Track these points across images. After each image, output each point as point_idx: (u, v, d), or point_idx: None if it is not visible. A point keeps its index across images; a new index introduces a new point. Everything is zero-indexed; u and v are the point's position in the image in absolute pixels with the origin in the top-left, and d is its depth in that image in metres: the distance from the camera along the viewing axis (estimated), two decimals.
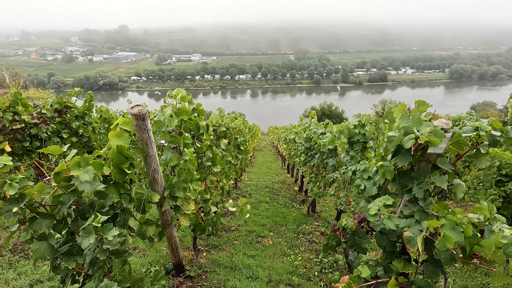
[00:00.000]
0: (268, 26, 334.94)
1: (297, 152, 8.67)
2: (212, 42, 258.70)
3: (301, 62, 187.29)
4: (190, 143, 2.32)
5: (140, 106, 1.70)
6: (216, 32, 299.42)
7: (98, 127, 5.24)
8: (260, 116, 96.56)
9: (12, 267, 3.02)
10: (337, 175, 4.25)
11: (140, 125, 1.68)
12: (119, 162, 1.63)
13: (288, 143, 11.40)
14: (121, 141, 1.64)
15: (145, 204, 1.89)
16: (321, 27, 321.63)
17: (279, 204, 7.15)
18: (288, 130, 11.95)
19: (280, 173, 12.93)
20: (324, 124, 5.73)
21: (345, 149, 3.77)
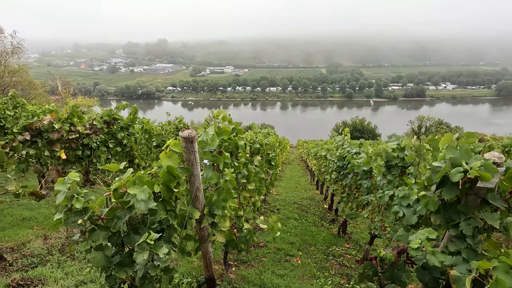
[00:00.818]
0: (300, 40, 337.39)
1: (328, 170, 8.51)
2: (244, 55, 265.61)
3: (333, 75, 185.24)
4: (229, 162, 2.42)
5: (189, 130, 1.82)
6: (249, 45, 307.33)
7: (139, 138, 5.59)
8: (289, 129, 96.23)
9: (61, 266, 3.27)
10: (372, 198, 4.11)
11: (188, 147, 1.81)
12: (167, 181, 1.75)
13: (319, 159, 11.23)
14: (171, 161, 1.76)
15: (186, 220, 1.99)
16: (355, 41, 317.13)
17: (308, 222, 7.02)
18: (319, 146, 11.79)
19: (309, 189, 12.71)
20: (358, 143, 5.61)
21: (382, 172, 3.65)
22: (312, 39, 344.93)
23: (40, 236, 4.03)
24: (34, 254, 3.44)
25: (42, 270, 3.10)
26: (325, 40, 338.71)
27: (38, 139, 3.59)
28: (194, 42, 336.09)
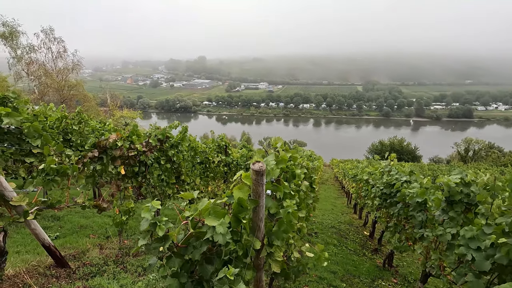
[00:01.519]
0: (336, 57, 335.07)
1: (369, 195, 8.14)
2: (279, 72, 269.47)
3: (369, 93, 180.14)
4: (289, 192, 2.42)
5: (260, 163, 1.87)
6: (283, 62, 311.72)
7: (187, 155, 5.84)
8: (321, 146, 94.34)
9: (116, 278, 3.44)
10: (428, 233, 3.82)
11: (258, 179, 1.85)
12: (237, 212, 1.80)
13: (358, 182, 10.80)
14: (241, 193, 1.82)
15: (248, 250, 2.00)
16: (394, 58, 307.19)
17: (348, 250, 6.70)
18: (359, 168, 11.36)
19: (346, 212, 12.20)
20: (408, 171, 5.32)
21: (442, 207, 3.40)
22: (348, 56, 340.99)
23: (96, 245, 4.30)
24: (92, 264, 3.66)
25: (100, 280, 3.29)
26: (362, 57, 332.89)
27: (104, 156, 3.90)
28: (231, 59, 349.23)
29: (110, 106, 41.09)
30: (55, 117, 5.92)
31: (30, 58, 29.65)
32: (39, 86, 31.22)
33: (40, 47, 30.43)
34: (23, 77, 29.97)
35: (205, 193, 7.13)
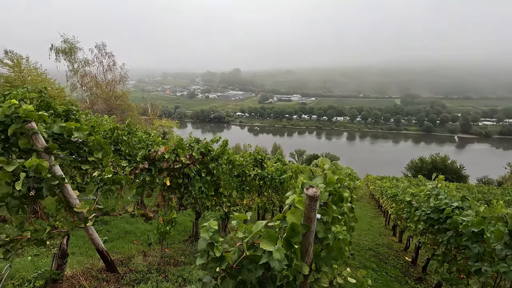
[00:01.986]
0: (372, 70, 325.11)
1: (412, 217, 7.64)
2: (312, 84, 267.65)
3: (408, 107, 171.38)
4: (336, 216, 2.37)
5: (314, 189, 1.87)
6: (317, 74, 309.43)
7: (226, 168, 5.98)
8: (355, 160, 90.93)
9: (158, 286, 3.57)
10: (487, 268, 3.48)
11: (311, 205, 1.85)
12: (289, 236, 1.80)
13: (398, 203, 10.20)
14: (295, 218, 1.82)
15: (297, 275, 1.98)
16: (436, 70, 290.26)
17: (388, 276, 6.29)
18: (400, 188, 10.74)
19: (384, 234, 11.52)
20: (460, 196, 4.93)
21: (504, 241, 3.09)
22: (385, 68, 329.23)
23: (140, 252, 4.51)
24: (137, 270, 3.84)
25: (144, 287, 3.43)
26: (400, 69, 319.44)
27: (152, 167, 4.14)
28: (264, 71, 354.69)
29: (150, 115, 43.58)
30: (108, 127, 6.42)
31: (84, 71, 32.72)
32: (90, 96, 34.18)
33: (93, 61, 33.51)
34: (77, 88, 33.06)
35: (241, 206, 7.19)
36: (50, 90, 26.28)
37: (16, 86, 24.82)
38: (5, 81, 25.07)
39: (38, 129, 2.59)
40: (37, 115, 2.60)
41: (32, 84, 22.09)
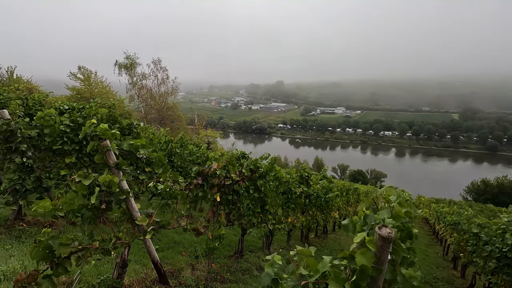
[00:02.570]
0: (427, 82, 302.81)
1: (479, 252, 6.74)
2: (358, 97, 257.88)
3: (468, 122, 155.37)
4: (406, 256, 2.14)
5: (388, 229, 1.71)
6: (364, 87, 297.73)
7: (273, 185, 5.93)
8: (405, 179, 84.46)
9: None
10: None
11: (384, 246, 1.69)
12: (359, 279, 1.65)
13: (460, 232, 9.11)
14: (365, 260, 1.68)
15: None
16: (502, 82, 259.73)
17: None
18: (462, 216, 9.61)
19: (442, 265, 10.33)
20: None
21: None
22: (442, 80, 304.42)
23: (189, 264, 4.61)
24: (187, 284, 3.92)
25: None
26: (459, 81, 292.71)
27: (205, 183, 4.25)
28: (308, 83, 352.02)
29: (196, 125, 45.76)
30: (163, 140, 6.82)
31: (141, 84, 35.85)
32: (145, 107, 37.19)
33: (149, 75, 36.56)
34: (135, 99, 36.25)
35: (285, 223, 7.04)
36: (112, 101, 29.32)
37: (85, 98, 27.96)
38: (77, 93, 28.42)
39: (111, 146, 2.82)
40: (110, 133, 2.84)
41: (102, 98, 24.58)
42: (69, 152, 4.70)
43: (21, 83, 26.81)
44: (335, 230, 12.84)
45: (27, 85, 27.32)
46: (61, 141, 4.56)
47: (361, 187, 20.37)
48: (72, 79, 28.57)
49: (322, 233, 11.08)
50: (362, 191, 17.47)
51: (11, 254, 3.50)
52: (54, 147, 4.47)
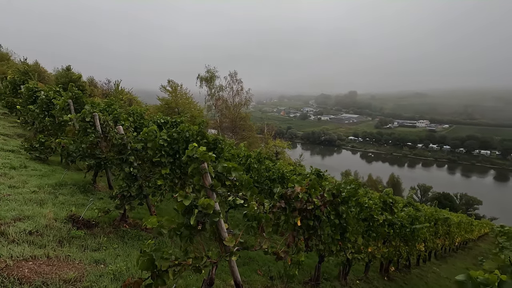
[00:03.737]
0: None
1: None
2: (445, 109, 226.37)
3: None
4: None
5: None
6: (455, 98, 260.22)
7: (354, 211, 5.49)
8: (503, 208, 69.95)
9: None
10: None
11: None
12: None
13: None
14: None
15: None
16: None
17: None
18: None
19: None
20: None
21: None
22: None
23: (264, 286, 4.55)
24: None
25: None
26: None
27: (287, 206, 4.16)
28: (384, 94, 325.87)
29: (265, 135, 46.75)
30: (242, 154, 7.05)
31: (218, 95, 38.64)
32: (220, 116, 39.84)
33: (226, 87, 39.17)
34: (212, 110, 39.22)
35: (365, 253, 6.42)
36: (193, 110, 32.28)
37: (172, 108, 31.35)
38: (165, 103, 32.15)
39: (208, 169, 2.96)
40: (208, 157, 2.99)
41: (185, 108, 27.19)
42: (165, 164, 5.21)
43: (124, 94, 31.78)
44: (419, 264, 11.25)
45: (129, 96, 32.19)
46: (160, 154, 5.09)
47: (452, 216, 17.49)
48: (162, 91, 32.57)
49: (404, 266, 9.81)
50: (453, 222, 14.97)
51: (117, 254, 3.99)
52: (154, 159, 5.01)
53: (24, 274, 2.89)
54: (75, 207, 4.99)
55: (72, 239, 3.98)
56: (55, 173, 6.74)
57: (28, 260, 3.16)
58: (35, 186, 5.45)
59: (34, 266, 3.08)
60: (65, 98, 7.48)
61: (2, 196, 4.53)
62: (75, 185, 6.14)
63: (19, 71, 25.06)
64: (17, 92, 12.69)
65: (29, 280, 2.82)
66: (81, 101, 8.04)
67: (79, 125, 6.12)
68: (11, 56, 33.39)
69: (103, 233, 4.43)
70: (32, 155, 7.43)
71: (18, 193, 4.89)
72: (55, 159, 8.12)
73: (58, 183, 5.90)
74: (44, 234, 3.82)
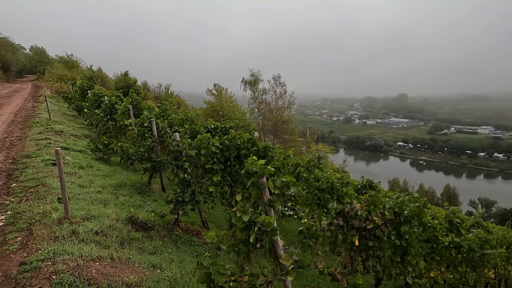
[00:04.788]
0: None
1: None
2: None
3: None
4: None
5: None
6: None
7: (417, 232, 4.95)
8: None
9: None
10: None
11: None
12: None
13: None
14: None
15: None
16: None
17: None
18: None
19: None
20: None
21: None
22: None
23: None
24: None
25: None
26: None
27: (345, 224, 3.87)
28: (439, 97, 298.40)
29: (308, 139, 45.77)
30: (290, 163, 6.85)
31: (261, 99, 38.89)
32: (262, 119, 40.04)
33: (269, 90, 39.27)
34: (254, 113, 39.61)
35: (426, 278, 5.78)
36: (236, 113, 32.93)
37: (216, 110, 32.31)
38: (210, 106, 33.27)
39: (268, 184, 2.84)
40: (267, 171, 2.87)
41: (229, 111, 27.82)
42: (216, 171, 5.24)
43: (173, 98, 33.63)
44: None
45: (177, 99, 33.97)
46: (212, 160, 5.14)
47: None
48: (208, 94, 33.77)
49: None
50: None
51: (172, 259, 4.07)
52: (207, 166, 5.07)
53: (92, 275, 3.05)
54: (133, 208, 5.27)
55: (132, 241, 4.17)
56: (116, 173, 7.25)
57: (95, 261, 3.35)
58: (100, 186, 5.89)
59: (100, 267, 3.25)
60: (125, 103, 8.03)
61: (74, 195, 4.96)
62: (133, 186, 6.52)
63: (86, 77, 28.01)
64: (85, 96, 14.09)
65: (97, 282, 2.97)
66: (139, 106, 8.58)
67: (137, 129, 6.49)
68: (79, 64, 37.48)
69: (158, 236, 4.59)
70: (97, 155, 8.11)
71: (85, 192, 5.32)
72: (115, 160, 8.77)
73: (119, 184, 6.32)
74: (108, 235, 4.05)
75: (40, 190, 5.00)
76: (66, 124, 11.83)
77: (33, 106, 15.45)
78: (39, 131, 9.45)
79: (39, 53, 46.11)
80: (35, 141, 8.19)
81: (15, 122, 11.06)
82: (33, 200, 4.63)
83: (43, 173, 5.79)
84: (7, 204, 4.55)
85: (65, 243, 3.50)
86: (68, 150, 8.03)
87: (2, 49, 38.12)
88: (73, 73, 31.09)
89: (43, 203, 4.52)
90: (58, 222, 3.94)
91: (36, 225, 3.89)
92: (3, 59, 37.31)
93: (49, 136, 8.91)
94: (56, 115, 13.36)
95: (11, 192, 5.03)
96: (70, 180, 5.71)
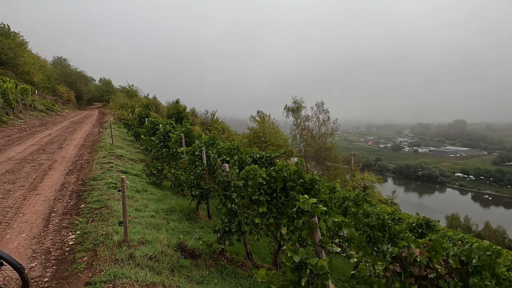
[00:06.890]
0: None
1: None
2: None
3: None
4: None
5: None
6: None
7: (490, 286, 4.31)
8: None
9: None
10: None
11: None
12: None
13: None
14: None
15: None
16: None
17: None
18: None
19: None
20: None
21: None
22: None
23: None
24: None
25: None
26: None
27: (402, 271, 3.55)
28: (504, 123, 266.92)
29: (353, 166, 43.76)
30: (338, 196, 6.61)
31: (304, 125, 38.78)
32: (305, 146, 39.62)
33: (312, 117, 39.10)
34: (296, 139, 39.48)
35: None
36: (279, 139, 33.15)
37: (259, 136, 32.91)
38: (253, 132, 34.04)
39: (320, 225, 2.79)
40: (319, 211, 2.83)
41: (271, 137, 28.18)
42: (262, 202, 5.28)
43: (218, 124, 35.23)
44: None
45: (222, 125, 35.49)
46: (258, 192, 5.20)
47: None
48: (252, 120, 34.75)
49: None
50: None
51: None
52: (253, 197, 5.14)
53: None
54: (182, 234, 5.48)
55: (181, 268, 4.31)
56: (167, 198, 7.69)
57: (149, 286, 3.51)
58: (153, 210, 6.28)
59: None
60: (178, 132, 8.66)
61: (131, 218, 5.36)
62: (182, 212, 6.83)
63: (142, 104, 30.97)
64: (142, 123, 15.52)
65: None
66: (190, 134, 9.18)
67: (189, 158, 6.91)
68: (138, 93, 41.74)
69: (205, 265, 4.67)
70: (151, 180, 8.73)
71: (141, 216, 5.71)
72: (166, 184, 9.34)
73: (169, 209, 6.67)
74: (160, 260, 4.25)
75: (104, 212, 5.50)
76: (125, 149, 13.05)
77: (99, 131, 17.43)
78: (103, 155, 10.56)
79: (106, 84, 52.67)
80: (100, 165, 9.15)
81: (84, 146, 12.53)
82: (97, 222, 5.11)
83: (106, 195, 6.39)
84: (76, 224, 5.08)
85: (123, 266, 3.76)
86: (127, 174, 8.79)
87: (78, 81, 44.41)
88: (133, 101, 34.60)
89: (106, 225, 4.95)
90: (118, 245, 4.26)
91: (100, 246, 4.25)
92: (78, 89, 43.32)
93: (111, 160, 9.89)
94: (117, 140, 14.84)
95: (80, 212, 5.62)
96: (128, 203, 6.19)
